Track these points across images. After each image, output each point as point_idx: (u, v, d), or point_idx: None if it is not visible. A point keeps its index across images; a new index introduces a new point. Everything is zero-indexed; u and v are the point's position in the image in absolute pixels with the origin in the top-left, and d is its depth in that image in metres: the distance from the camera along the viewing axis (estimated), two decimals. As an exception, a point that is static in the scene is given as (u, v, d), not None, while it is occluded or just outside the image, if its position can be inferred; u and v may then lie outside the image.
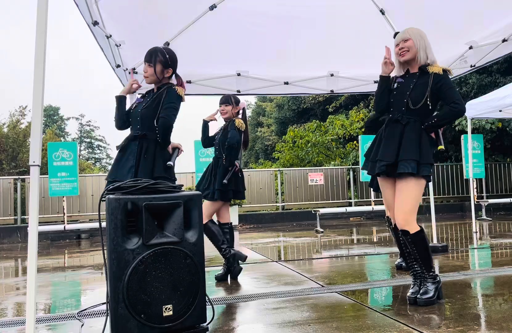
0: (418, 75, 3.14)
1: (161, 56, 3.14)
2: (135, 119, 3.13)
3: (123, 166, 3.01)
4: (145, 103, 3.14)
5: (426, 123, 3.05)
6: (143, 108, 3.11)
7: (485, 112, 7.52)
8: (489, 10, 4.24)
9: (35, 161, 2.14)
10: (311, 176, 11.03)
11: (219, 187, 4.04)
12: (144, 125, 3.07)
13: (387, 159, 3.01)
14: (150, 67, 3.13)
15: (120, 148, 3.09)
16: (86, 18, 3.57)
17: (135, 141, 3.07)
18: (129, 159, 3.02)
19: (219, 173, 4.09)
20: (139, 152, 3.03)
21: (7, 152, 15.66)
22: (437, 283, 3.08)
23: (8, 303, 3.66)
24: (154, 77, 3.15)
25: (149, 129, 3.07)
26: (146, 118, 3.07)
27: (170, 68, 3.19)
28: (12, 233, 8.96)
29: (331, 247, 6.21)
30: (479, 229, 7.69)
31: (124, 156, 3.05)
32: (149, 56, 3.15)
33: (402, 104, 3.11)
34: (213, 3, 4.28)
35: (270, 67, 5.41)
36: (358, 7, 4.45)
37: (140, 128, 3.08)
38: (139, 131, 3.07)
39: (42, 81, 2.18)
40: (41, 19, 2.20)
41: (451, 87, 3.07)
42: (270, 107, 24.83)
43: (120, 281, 2.28)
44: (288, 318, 2.86)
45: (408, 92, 3.10)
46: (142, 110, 3.10)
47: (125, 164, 3.01)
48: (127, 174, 2.97)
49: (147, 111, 3.08)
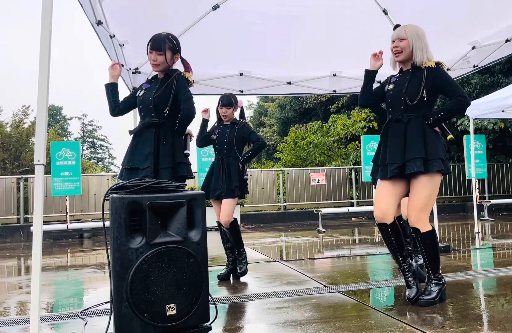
0: (411, 72, 3.12)
1: (169, 43, 3.10)
2: (146, 106, 3.09)
3: (140, 152, 3.00)
4: (155, 90, 3.10)
5: (432, 118, 3.02)
6: (155, 95, 3.07)
7: (488, 112, 7.51)
8: (492, 10, 4.24)
9: (39, 160, 2.15)
10: (313, 176, 11.03)
11: (238, 184, 4.12)
12: (159, 113, 3.06)
13: (397, 161, 3.01)
14: (160, 55, 3.07)
15: (134, 134, 3.08)
16: (90, 18, 3.59)
17: (151, 128, 3.05)
18: (145, 146, 3.00)
19: (234, 170, 4.11)
20: (157, 139, 3.02)
21: (10, 151, 15.69)
22: (441, 285, 3.08)
23: (11, 302, 3.68)
24: (165, 64, 3.11)
25: (164, 116, 3.06)
26: (159, 105, 3.06)
27: (178, 53, 3.17)
28: (15, 232, 8.99)
29: (333, 247, 6.21)
30: (481, 229, 7.69)
31: (139, 143, 3.04)
32: (156, 43, 3.07)
33: (400, 103, 3.09)
34: (216, 3, 4.29)
35: (273, 67, 5.42)
36: (361, 7, 4.46)
37: (155, 115, 3.06)
38: (156, 118, 3.05)
39: (47, 82, 2.19)
40: (46, 19, 2.21)
41: (450, 80, 3.07)
42: (272, 107, 24.82)
43: (124, 280, 2.28)
44: (290, 317, 2.87)
45: (404, 90, 3.07)
46: (155, 98, 3.07)
47: (142, 150, 3.00)
48: (145, 161, 2.97)
49: (159, 98, 3.06)
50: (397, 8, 4.53)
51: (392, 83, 3.17)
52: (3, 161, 15.49)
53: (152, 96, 3.08)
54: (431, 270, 3.07)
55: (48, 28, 2.22)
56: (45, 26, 2.22)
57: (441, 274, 3.10)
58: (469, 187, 11.81)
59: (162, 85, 3.11)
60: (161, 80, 3.15)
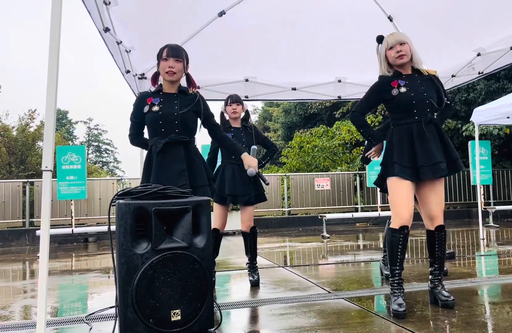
0: (417, 76, 3.22)
1: (185, 52, 3.05)
2: (171, 122, 2.96)
3: (170, 170, 2.90)
4: (177, 106, 2.99)
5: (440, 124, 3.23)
6: (181, 112, 2.97)
7: (493, 118, 7.50)
8: (497, 17, 4.26)
9: (47, 166, 2.17)
10: (318, 181, 11.03)
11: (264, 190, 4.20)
12: (185, 129, 2.99)
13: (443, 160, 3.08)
14: (179, 62, 2.97)
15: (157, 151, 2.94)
16: (97, 24, 3.62)
17: (178, 145, 2.96)
18: (175, 163, 2.92)
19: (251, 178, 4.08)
20: (187, 156, 2.97)
21: (16, 155, 15.78)
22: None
23: (16, 306, 3.70)
24: (181, 73, 3.02)
25: (188, 133, 3.02)
26: (185, 122, 2.99)
27: (188, 65, 3.11)
28: (20, 236, 9.02)
29: (337, 252, 6.20)
30: (486, 236, 7.66)
31: (165, 159, 2.93)
32: (175, 51, 2.97)
33: (425, 106, 3.13)
34: (222, 9, 4.33)
35: (278, 73, 5.45)
36: (365, 14, 4.48)
37: (181, 132, 2.97)
38: (182, 135, 2.97)
39: (55, 88, 2.22)
40: (55, 24, 2.24)
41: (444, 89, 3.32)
42: (277, 112, 24.87)
43: (129, 286, 2.30)
44: (295, 324, 2.87)
45: (425, 93, 3.13)
46: (181, 115, 2.97)
47: (173, 167, 2.91)
48: (178, 178, 2.89)
49: (185, 116, 2.98)
50: (402, 15, 4.56)
51: (404, 87, 3.16)
52: (9, 165, 15.58)
53: (177, 112, 2.97)
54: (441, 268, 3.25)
55: (57, 33, 2.24)
56: (54, 31, 2.25)
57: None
58: (474, 193, 11.77)
59: (183, 101, 3.03)
60: (180, 97, 3.04)
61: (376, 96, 3.25)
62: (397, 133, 3.18)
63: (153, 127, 2.99)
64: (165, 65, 2.96)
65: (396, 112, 3.21)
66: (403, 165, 3.08)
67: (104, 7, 3.56)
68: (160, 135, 2.96)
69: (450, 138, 12.76)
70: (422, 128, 3.10)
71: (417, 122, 3.12)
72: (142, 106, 3.01)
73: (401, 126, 3.17)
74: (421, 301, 3.32)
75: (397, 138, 3.16)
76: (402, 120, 3.17)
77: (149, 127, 3.03)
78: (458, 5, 4.23)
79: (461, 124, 12.10)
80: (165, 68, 2.96)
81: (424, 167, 3.05)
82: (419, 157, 3.06)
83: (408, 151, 3.10)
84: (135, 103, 3.06)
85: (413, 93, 3.13)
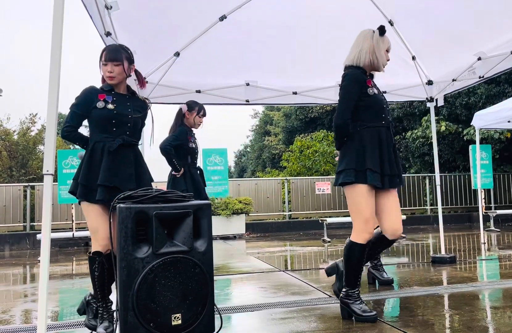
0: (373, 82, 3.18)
1: (125, 52, 2.94)
2: (124, 123, 2.93)
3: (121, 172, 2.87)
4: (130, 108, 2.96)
5: None
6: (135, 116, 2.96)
7: (494, 122, 7.51)
8: (498, 21, 4.27)
9: (48, 170, 2.18)
10: (318, 185, 11.02)
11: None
12: (134, 133, 2.99)
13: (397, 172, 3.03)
14: (117, 66, 2.87)
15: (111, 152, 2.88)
16: (99, 28, 3.64)
17: (128, 147, 2.94)
18: (126, 166, 2.90)
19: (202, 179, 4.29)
20: (135, 159, 2.96)
21: (17, 159, 15.80)
22: None
23: (16, 310, 3.69)
24: (122, 75, 2.93)
25: (136, 137, 3.02)
26: (136, 126, 2.99)
27: (133, 64, 3.02)
28: (21, 240, 9.01)
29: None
30: (487, 240, 7.64)
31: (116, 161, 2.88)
32: (112, 54, 2.86)
33: (388, 111, 3.13)
34: (223, 14, 4.35)
35: (279, 77, 5.46)
36: (366, 18, 4.49)
37: (131, 135, 2.96)
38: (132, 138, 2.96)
39: (57, 92, 2.22)
40: (56, 29, 2.25)
41: None
42: (277, 116, 24.91)
43: (130, 290, 2.30)
44: (295, 328, 2.86)
45: (385, 99, 3.14)
46: (135, 118, 2.96)
47: (122, 170, 2.88)
48: (128, 181, 2.87)
49: (137, 119, 2.98)
50: (403, 20, 4.58)
51: (373, 87, 3.06)
52: (10, 169, 15.60)
53: (131, 115, 2.95)
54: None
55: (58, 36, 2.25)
56: (56, 34, 2.26)
57: None
58: (475, 197, 11.76)
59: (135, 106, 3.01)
60: (132, 100, 3.02)
61: (356, 94, 2.99)
62: (366, 137, 3.00)
63: (103, 125, 2.91)
64: (104, 69, 2.90)
65: (365, 113, 3.02)
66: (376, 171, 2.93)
67: (106, 11, 3.58)
68: (109, 134, 2.90)
69: (451, 142, 12.84)
70: (390, 134, 3.06)
71: (385, 127, 3.05)
72: (92, 101, 2.91)
73: (369, 129, 3.00)
74: (422, 306, 3.32)
75: (367, 142, 2.98)
76: (370, 123, 3.01)
77: (97, 124, 2.93)
78: (458, 10, 4.25)
79: (461, 128, 12.11)
80: (105, 73, 2.90)
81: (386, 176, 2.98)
82: (385, 165, 2.97)
83: (377, 156, 2.97)
84: (83, 95, 2.92)
85: (382, 97, 3.11)
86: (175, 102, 5.38)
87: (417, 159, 13.54)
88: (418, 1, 4.29)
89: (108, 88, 2.97)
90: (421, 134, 12.46)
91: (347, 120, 2.98)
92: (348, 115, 2.98)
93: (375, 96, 3.03)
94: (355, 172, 2.94)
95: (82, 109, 2.91)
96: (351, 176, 2.94)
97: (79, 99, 2.92)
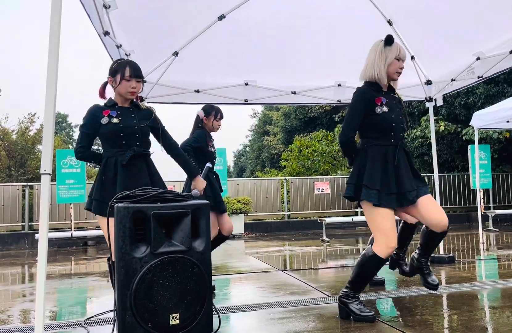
0: (393, 96, 3.10)
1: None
2: (132, 135, 3.00)
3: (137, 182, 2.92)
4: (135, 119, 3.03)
5: None
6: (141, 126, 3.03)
7: (492, 122, 7.51)
8: (496, 21, 4.27)
9: (46, 169, 2.17)
10: (317, 185, 11.02)
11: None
12: (145, 143, 3.06)
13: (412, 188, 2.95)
14: (139, 83, 3.03)
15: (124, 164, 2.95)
16: (97, 28, 3.63)
17: (140, 157, 3.01)
18: (140, 176, 2.97)
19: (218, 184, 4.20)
20: (148, 169, 3.02)
21: (16, 158, 15.79)
22: None
23: (14, 310, 3.68)
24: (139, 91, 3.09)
25: (147, 146, 3.08)
26: (144, 135, 3.05)
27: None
28: (19, 239, 9.01)
29: (337, 256, 6.19)
30: (486, 240, 7.65)
31: (131, 172, 2.96)
32: (137, 70, 3.00)
33: (401, 128, 3.03)
34: (222, 13, 4.34)
35: (278, 77, 5.45)
36: (366, 18, 4.49)
37: (140, 145, 3.02)
38: (143, 148, 3.03)
39: (54, 91, 2.22)
40: (54, 27, 2.24)
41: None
42: (277, 116, 24.91)
43: (128, 289, 2.29)
44: (294, 328, 2.86)
45: (400, 116, 3.03)
46: (142, 128, 3.03)
47: (139, 180, 2.94)
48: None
49: (145, 128, 3.05)
50: (402, 19, 4.57)
51: (386, 105, 3.00)
52: (9, 168, 15.58)
53: (138, 126, 3.02)
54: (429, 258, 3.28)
55: (56, 37, 2.25)
56: (53, 33, 2.25)
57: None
58: (473, 197, 11.77)
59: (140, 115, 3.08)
60: (136, 111, 3.09)
61: (362, 112, 3.00)
62: (370, 154, 2.99)
63: (112, 139, 2.98)
64: (128, 85, 2.98)
65: (372, 130, 3.03)
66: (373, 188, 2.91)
67: (104, 10, 3.57)
68: (120, 147, 2.98)
69: (450, 142, 12.84)
70: (402, 152, 3.01)
71: (393, 145, 3.00)
72: (98, 118, 3.00)
73: (376, 146, 3.00)
74: (421, 306, 3.31)
75: (370, 159, 2.98)
76: (376, 140, 3.01)
77: (106, 139, 3.01)
78: (457, 9, 4.24)
79: (460, 128, 12.11)
80: (128, 88, 2.98)
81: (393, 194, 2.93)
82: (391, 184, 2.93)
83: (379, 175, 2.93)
84: (88, 115, 3.02)
85: (393, 115, 2.99)
86: (174, 102, 5.38)
87: (416, 159, 13.55)
88: (417, 1, 4.28)
89: (111, 103, 3.06)
90: (420, 134, 12.46)
91: (350, 137, 3.01)
92: (351, 133, 3.01)
93: (384, 114, 2.97)
94: (355, 187, 2.99)
95: (89, 128, 3.02)
96: (350, 191, 3.01)
97: (85, 119, 3.03)
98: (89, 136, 3.05)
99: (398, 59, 3.01)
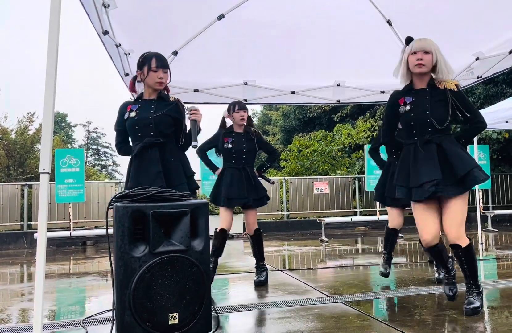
0: (429, 91, 3.00)
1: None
2: (146, 126, 2.99)
3: (147, 172, 2.94)
4: (152, 110, 3.01)
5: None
6: (155, 115, 2.99)
7: (492, 123, 7.49)
8: (496, 21, 4.27)
9: (45, 168, 2.16)
10: (317, 185, 11.02)
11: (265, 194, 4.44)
12: (160, 132, 3.00)
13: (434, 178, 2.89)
14: (166, 74, 3.04)
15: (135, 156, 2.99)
16: (96, 27, 3.62)
17: (154, 147, 2.98)
18: (151, 165, 2.95)
19: (258, 180, 4.30)
20: (162, 157, 2.99)
21: (15, 158, 15.78)
22: (481, 293, 3.09)
23: (13, 309, 3.68)
24: (167, 82, 3.09)
25: (165, 135, 3.02)
26: (161, 125, 3.00)
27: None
28: (18, 239, 8.99)
29: (336, 256, 6.19)
30: (485, 240, 7.65)
31: (143, 163, 2.97)
32: (163, 61, 3.04)
33: (426, 125, 2.96)
34: (221, 13, 4.33)
35: (277, 76, 5.44)
36: (365, 18, 4.48)
37: (155, 134, 2.99)
38: (157, 138, 2.99)
39: (53, 91, 2.21)
40: (53, 27, 2.24)
41: (470, 105, 3.04)
42: (276, 116, 24.90)
43: (127, 289, 2.29)
44: (293, 328, 2.86)
45: (428, 111, 2.94)
46: (155, 118, 2.99)
47: (149, 169, 2.94)
48: (155, 180, 2.90)
49: (161, 117, 3.00)
50: (402, 19, 4.56)
51: (409, 104, 3.01)
52: (8, 168, 15.57)
53: (152, 116, 3.00)
54: (472, 281, 3.05)
55: (55, 37, 2.24)
56: (53, 33, 2.25)
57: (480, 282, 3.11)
58: (472, 198, 11.74)
59: (160, 106, 3.05)
60: (157, 102, 3.08)
61: (391, 114, 3.15)
62: (402, 155, 3.12)
63: (132, 132, 3.07)
64: (155, 76, 3.02)
65: (403, 131, 3.17)
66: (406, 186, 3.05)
67: (103, 9, 3.56)
68: (139, 140, 3.03)
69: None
70: (424, 148, 2.96)
71: (417, 142, 2.99)
72: (123, 114, 3.09)
73: (406, 146, 3.09)
74: (419, 305, 3.32)
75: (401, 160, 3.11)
76: (407, 140, 3.08)
77: (130, 133, 3.10)
78: (457, 10, 4.24)
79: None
80: (155, 79, 3.03)
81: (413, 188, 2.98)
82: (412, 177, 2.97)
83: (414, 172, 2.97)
84: (118, 113, 3.14)
85: (413, 113, 2.98)
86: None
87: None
88: (417, 1, 4.28)
89: (138, 97, 3.15)
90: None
91: (387, 141, 3.43)
92: (386, 138, 3.34)
93: (405, 114, 3.02)
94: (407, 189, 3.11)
95: (120, 125, 3.13)
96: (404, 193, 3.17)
97: (117, 117, 3.15)
98: (120, 132, 3.16)
99: (414, 53, 3.00)
